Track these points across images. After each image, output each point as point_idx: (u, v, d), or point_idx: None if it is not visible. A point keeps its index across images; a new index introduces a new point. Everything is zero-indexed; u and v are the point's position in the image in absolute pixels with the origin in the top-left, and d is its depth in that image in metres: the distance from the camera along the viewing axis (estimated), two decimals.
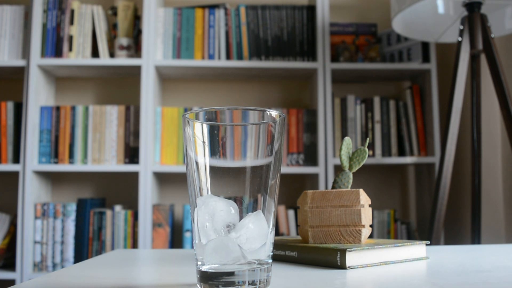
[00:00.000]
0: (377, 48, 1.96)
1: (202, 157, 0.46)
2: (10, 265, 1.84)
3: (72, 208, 1.81)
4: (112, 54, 1.92)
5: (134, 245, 1.79)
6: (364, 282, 0.50)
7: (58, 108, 1.86)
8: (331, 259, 0.58)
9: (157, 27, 1.90)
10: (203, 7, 1.93)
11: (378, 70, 1.92)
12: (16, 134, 1.85)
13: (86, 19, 1.87)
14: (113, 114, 1.86)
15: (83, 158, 1.83)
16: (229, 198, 0.45)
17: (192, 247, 0.56)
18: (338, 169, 1.80)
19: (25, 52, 1.85)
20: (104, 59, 1.85)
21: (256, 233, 0.45)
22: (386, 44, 2.01)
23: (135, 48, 1.93)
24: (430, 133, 1.88)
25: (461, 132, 1.76)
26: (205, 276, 0.44)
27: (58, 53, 1.85)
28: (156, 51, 1.88)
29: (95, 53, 1.90)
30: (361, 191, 0.63)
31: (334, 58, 1.95)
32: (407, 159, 1.86)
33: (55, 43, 1.85)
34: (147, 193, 1.77)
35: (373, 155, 1.89)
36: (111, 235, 1.80)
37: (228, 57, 1.89)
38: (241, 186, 0.45)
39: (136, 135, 1.85)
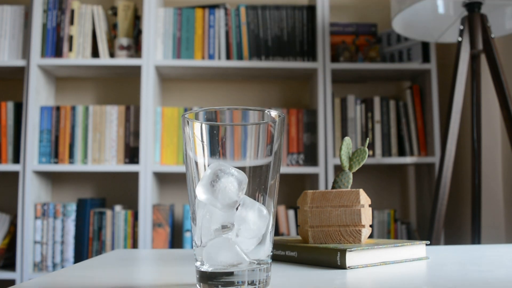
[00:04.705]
0: (377, 48, 1.96)
1: (202, 157, 0.46)
2: (10, 265, 1.84)
3: (72, 208, 1.81)
4: (112, 54, 1.92)
5: (134, 245, 1.79)
6: (364, 282, 0.50)
7: (58, 108, 1.86)
8: (331, 259, 0.58)
9: (157, 27, 1.89)
10: (203, 7, 1.93)
11: (378, 70, 1.92)
12: (16, 134, 1.85)
13: (86, 19, 1.87)
14: (113, 114, 1.86)
15: (83, 158, 1.84)
16: None
17: (192, 247, 0.57)
18: (338, 169, 1.80)
19: (25, 52, 1.85)
20: (104, 59, 1.85)
21: (255, 231, 0.45)
22: (386, 44, 2.01)
23: (135, 48, 1.93)
24: (430, 133, 1.88)
25: (461, 132, 1.76)
26: (204, 276, 0.44)
27: (58, 53, 1.85)
28: (156, 51, 1.88)
29: (95, 53, 1.90)
30: (361, 191, 0.63)
31: (334, 58, 1.95)
32: (407, 159, 1.86)
33: (55, 43, 1.85)
34: (147, 193, 1.77)
35: (373, 155, 1.89)
36: (111, 235, 1.80)
37: (228, 57, 1.89)
38: None
39: (136, 135, 1.85)
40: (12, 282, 1.75)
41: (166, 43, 1.89)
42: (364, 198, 0.63)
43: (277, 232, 1.84)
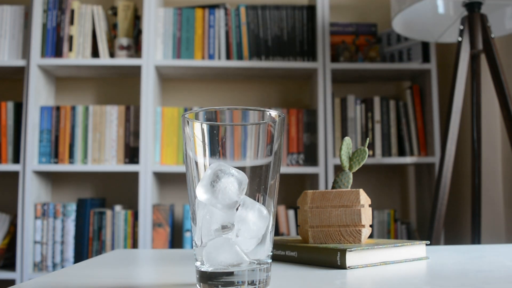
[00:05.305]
0: (377, 48, 1.96)
1: (202, 157, 0.46)
2: (10, 265, 1.84)
3: (72, 208, 1.81)
4: (112, 54, 1.92)
5: (134, 245, 1.79)
6: (364, 282, 0.50)
7: (58, 108, 1.86)
8: (331, 259, 0.58)
9: (157, 27, 1.90)
10: (203, 7, 1.93)
11: (378, 70, 1.92)
12: (16, 134, 1.85)
13: (86, 19, 1.87)
14: (113, 114, 1.86)
15: (83, 158, 1.84)
16: None
17: (192, 247, 0.57)
18: (338, 169, 1.80)
19: (25, 52, 1.85)
20: (104, 59, 1.85)
21: (255, 231, 0.45)
22: (386, 44, 2.01)
23: (135, 48, 1.93)
24: (430, 133, 1.88)
25: (461, 132, 1.76)
26: (204, 276, 0.44)
27: (58, 53, 1.85)
28: (156, 51, 1.88)
29: (95, 53, 1.90)
30: (361, 191, 0.63)
31: (334, 58, 1.95)
32: (407, 159, 1.86)
33: (55, 43, 1.85)
34: (147, 193, 1.77)
35: (373, 155, 1.89)
36: (111, 235, 1.80)
37: (228, 57, 1.89)
38: None
39: (136, 135, 1.85)
40: (12, 282, 1.75)
41: (166, 43, 1.89)
42: (364, 198, 0.63)
43: (277, 232, 1.84)
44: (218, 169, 0.44)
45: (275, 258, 0.67)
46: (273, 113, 0.47)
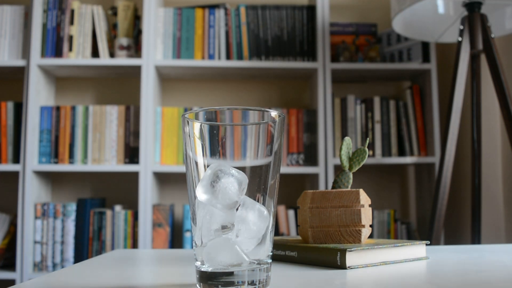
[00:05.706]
0: (377, 48, 1.96)
1: (202, 157, 0.46)
2: (10, 265, 1.84)
3: (72, 208, 1.81)
4: (112, 54, 1.92)
5: (134, 245, 1.79)
6: (364, 282, 0.50)
7: (58, 108, 1.86)
8: (331, 259, 0.58)
9: (157, 27, 1.90)
10: (203, 7, 1.93)
11: (378, 70, 1.92)
12: (16, 134, 1.85)
13: (86, 19, 1.87)
14: (113, 114, 1.86)
15: (83, 158, 1.83)
16: None
17: (192, 247, 0.57)
18: (338, 169, 1.80)
19: (25, 52, 1.85)
20: (104, 59, 1.85)
21: (255, 231, 0.45)
22: (386, 44, 2.01)
23: (135, 48, 1.93)
24: (430, 133, 1.88)
25: (461, 132, 1.76)
26: (204, 276, 0.44)
27: (58, 53, 1.85)
28: (156, 51, 1.88)
29: (95, 53, 1.90)
30: (361, 191, 0.63)
31: (334, 58, 1.95)
32: (407, 159, 1.86)
33: (55, 43, 1.85)
34: (147, 193, 1.77)
35: (373, 155, 1.89)
36: (111, 235, 1.80)
37: (228, 57, 1.89)
38: None
39: (136, 135, 1.85)
40: (12, 282, 1.75)
41: (166, 43, 1.89)
42: (364, 198, 0.63)
43: (277, 232, 1.84)
44: (218, 169, 0.44)
45: (275, 258, 0.67)
46: (273, 113, 0.47)
